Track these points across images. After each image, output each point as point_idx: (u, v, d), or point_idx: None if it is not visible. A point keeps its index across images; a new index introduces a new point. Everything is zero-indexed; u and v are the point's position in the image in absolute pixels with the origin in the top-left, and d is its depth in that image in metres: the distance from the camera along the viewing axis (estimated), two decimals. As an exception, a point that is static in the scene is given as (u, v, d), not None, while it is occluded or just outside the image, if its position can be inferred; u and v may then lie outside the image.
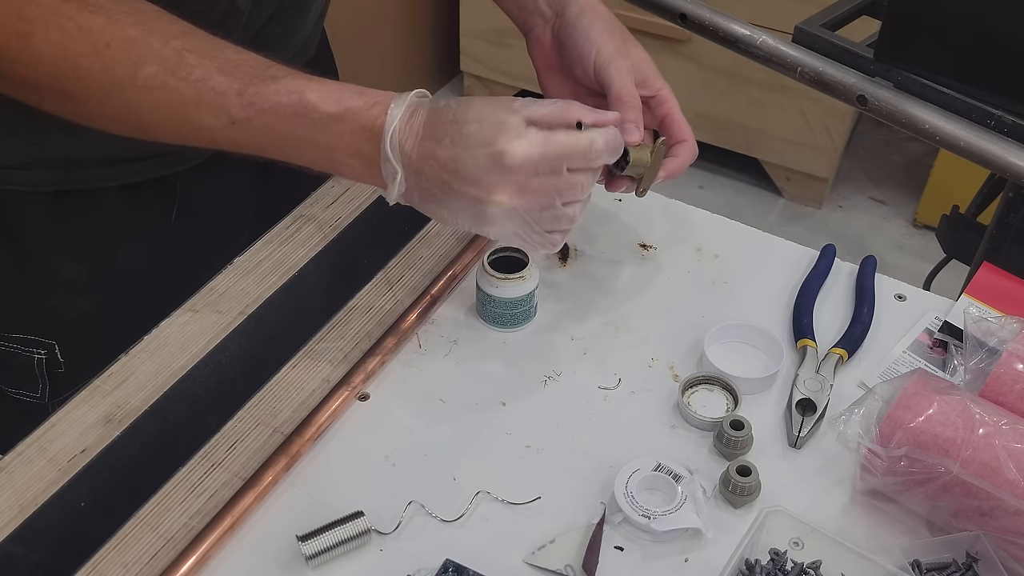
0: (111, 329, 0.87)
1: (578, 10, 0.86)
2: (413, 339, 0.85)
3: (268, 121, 0.70)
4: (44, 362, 0.91)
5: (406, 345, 0.84)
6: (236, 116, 0.69)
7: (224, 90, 0.69)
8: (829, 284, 0.92)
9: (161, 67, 0.69)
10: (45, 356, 0.91)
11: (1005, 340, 0.75)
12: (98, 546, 0.68)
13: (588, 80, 0.84)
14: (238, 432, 0.76)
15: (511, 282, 0.84)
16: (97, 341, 0.87)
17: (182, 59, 0.69)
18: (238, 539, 0.70)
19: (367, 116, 0.70)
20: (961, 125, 0.96)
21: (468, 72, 2.84)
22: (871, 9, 1.18)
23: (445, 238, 0.94)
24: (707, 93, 2.48)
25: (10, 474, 0.72)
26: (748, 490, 0.72)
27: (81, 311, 0.91)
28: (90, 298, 0.90)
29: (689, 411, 0.78)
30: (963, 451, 0.68)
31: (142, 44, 0.69)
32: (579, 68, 0.85)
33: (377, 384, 0.81)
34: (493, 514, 0.72)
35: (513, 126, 0.69)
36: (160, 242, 0.92)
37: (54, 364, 0.91)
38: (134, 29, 0.69)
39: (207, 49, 0.70)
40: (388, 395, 0.80)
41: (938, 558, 0.69)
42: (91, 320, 0.91)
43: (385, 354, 0.82)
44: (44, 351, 0.90)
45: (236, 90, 0.69)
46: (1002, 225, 1.09)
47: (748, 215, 2.46)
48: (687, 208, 1.01)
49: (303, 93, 0.70)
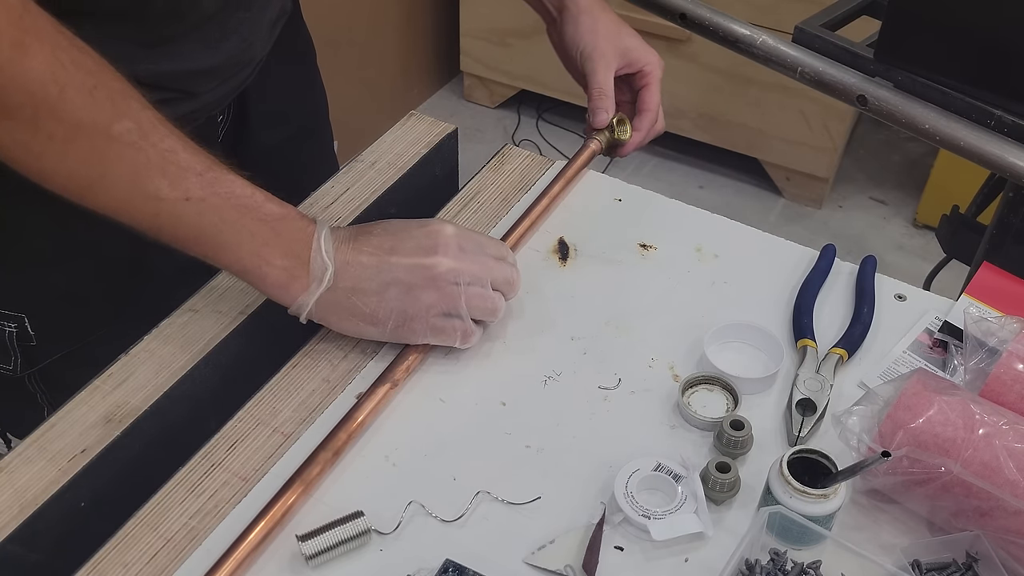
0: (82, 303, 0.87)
1: (575, 11, 1.01)
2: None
3: (220, 205, 0.73)
4: (15, 335, 0.91)
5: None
6: (192, 193, 0.72)
7: (188, 166, 0.72)
8: (829, 284, 0.92)
9: (136, 126, 0.70)
10: (16, 329, 0.90)
11: (1005, 340, 0.76)
12: (98, 546, 0.68)
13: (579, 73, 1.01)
14: (238, 432, 0.76)
15: (813, 498, 0.69)
16: (68, 315, 0.88)
17: (154, 126, 0.70)
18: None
19: (303, 219, 0.77)
20: (961, 125, 0.96)
21: (468, 72, 2.84)
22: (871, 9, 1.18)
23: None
24: (707, 93, 2.48)
25: (10, 474, 0.72)
26: (727, 486, 0.72)
27: (51, 285, 0.90)
28: (60, 272, 0.90)
29: (689, 411, 0.78)
30: (963, 451, 0.68)
31: (125, 98, 0.69)
32: (571, 62, 1.02)
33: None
34: (493, 514, 0.72)
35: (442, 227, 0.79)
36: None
37: (25, 337, 0.91)
38: (119, 83, 0.69)
39: (173, 128, 0.72)
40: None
41: (938, 558, 0.69)
42: (61, 294, 0.91)
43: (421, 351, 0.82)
44: (14, 324, 0.90)
45: (198, 170, 0.72)
46: (1002, 225, 1.09)
47: (748, 215, 2.46)
48: (687, 208, 1.01)
49: (254, 188, 0.75)
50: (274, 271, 0.75)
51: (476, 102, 2.93)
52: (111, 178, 0.70)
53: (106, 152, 0.69)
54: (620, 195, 1.01)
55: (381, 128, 1.07)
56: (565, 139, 2.76)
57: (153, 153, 0.70)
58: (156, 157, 0.70)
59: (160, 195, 0.71)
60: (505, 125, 2.86)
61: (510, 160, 1.05)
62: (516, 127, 2.85)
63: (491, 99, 2.89)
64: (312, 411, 0.78)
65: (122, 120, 0.69)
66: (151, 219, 0.72)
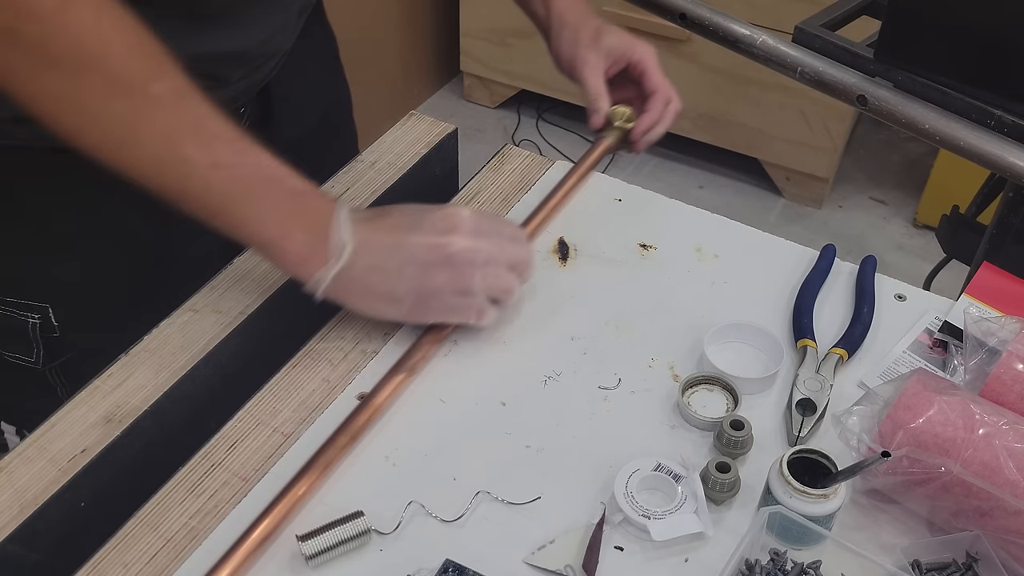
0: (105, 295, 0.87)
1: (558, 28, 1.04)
2: (414, 339, 0.85)
3: (247, 175, 0.74)
4: (38, 326, 0.91)
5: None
6: (222, 160, 0.72)
7: (218, 133, 0.72)
8: (829, 284, 0.92)
9: (173, 88, 0.70)
10: (39, 320, 0.91)
11: (1005, 340, 0.76)
12: (98, 546, 0.68)
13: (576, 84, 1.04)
14: (238, 432, 0.76)
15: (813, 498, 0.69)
16: (92, 307, 0.88)
17: (189, 91, 0.71)
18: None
19: (325, 197, 0.78)
20: (961, 125, 0.96)
21: (468, 72, 2.84)
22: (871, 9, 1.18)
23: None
24: (707, 93, 2.48)
25: (10, 474, 0.72)
26: (727, 486, 0.72)
27: (74, 275, 0.91)
28: (83, 262, 0.90)
29: (689, 411, 0.78)
30: (963, 451, 0.68)
31: (163, 61, 0.70)
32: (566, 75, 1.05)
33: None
34: (493, 514, 0.72)
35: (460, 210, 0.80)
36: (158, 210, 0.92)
37: (48, 328, 0.91)
38: (157, 47, 0.70)
39: (205, 96, 0.72)
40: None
41: (938, 558, 0.69)
42: (85, 285, 0.91)
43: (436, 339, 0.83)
44: (38, 315, 0.90)
45: (228, 138, 0.73)
46: (1002, 225, 1.09)
47: (748, 215, 2.46)
48: (687, 208, 1.01)
49: (279, 162, 0.75)
50: (294, 245, 0.76)
51: (476, 102, 2.93)
52: (144, 137, 0.71)
53: (142, 110, 0.70)
54: (620, 195, 1.01)
55: (381, 128, 1.07)
56: (565, 139, 2.76)
57: (187, 116, 0.71)
58: (189, 121, 0.71)
59: (190, 159, 0.71)
60: (505, 125, 2.86)
61: (510, 160, 1.05)
62: (516, 127, 2.85)
63: (491, 99, 2.90)
64: (312, 411, 0.78)
65: (160, 80, 0.70)
66: (179, 183, 0.73)
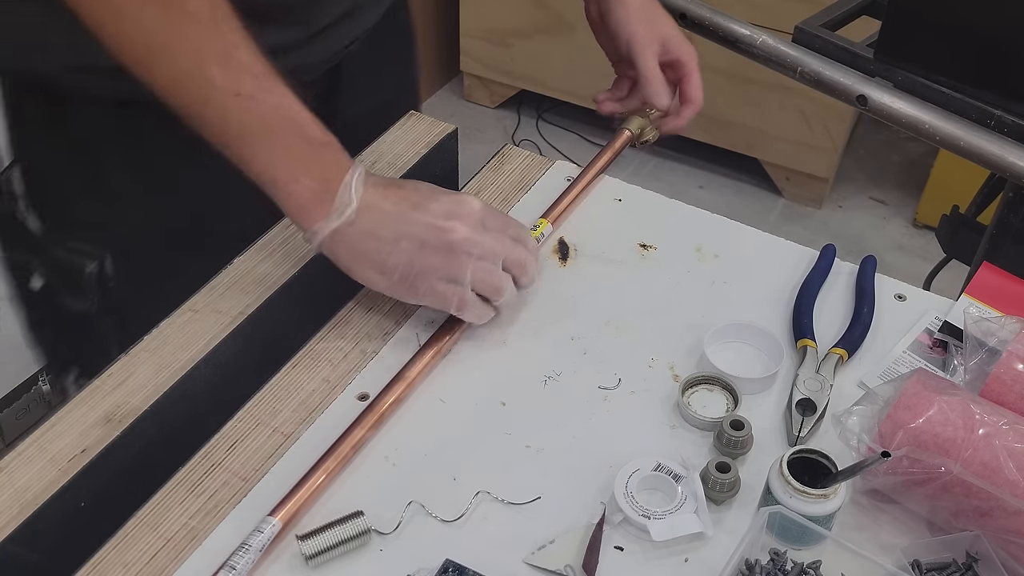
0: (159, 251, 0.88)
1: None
2: (413, 339, 0.85)
3: (266, 111, 0.74)
4: (95, 275, 0.92)
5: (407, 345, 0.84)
6: (244, 90, 0.73)
7: (246, 64, 0.73)
8: (829, 284, 0.92)
9: (210, 9, 0.72)
10: (96, 268, 0.91)
11: (1005, 340, 0.75)
12: (98, 546, 0.68)
13: (621, 56, 1.03)
14: (238, 432, 0.76)
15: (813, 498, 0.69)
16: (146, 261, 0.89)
17: (226, 17, 0.72)
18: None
19: (344, 153, 0.78)
20: (961, 125, 0.96)
21: (468, 72, 2.84)
22: (871, 9, 1.18)
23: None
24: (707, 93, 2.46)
25: (10, 474, 0.72)
26: (727, 486, 0.72)
27: (133, 227, 0.91)
28: (142, 214, 0.91)
29: (689, 411, 0.78)
30: (963, 451, 0.68)
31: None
32: (614, 45, 1.03)
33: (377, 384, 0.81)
34: (493, 514, 0.72)
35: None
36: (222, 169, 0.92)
37: (104, 278, 0.92)
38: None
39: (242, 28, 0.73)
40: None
41: (938, 558, 0.69)
42: (142, 238, 0.92)
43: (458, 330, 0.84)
44: (96, 262, 0.91)
45: (254, 71, 0.73)
46: (1002, 225, 1.09)
47: (748, 215, 2.46)
48: (687, 208, 1.01)
49: (303, 107, 0.76)
50: (300, 190, 0.76)
51: (476, 102, 2.93)
52: (174, 51, 0.72)
53: (176, 24, 0.71)
54: (620, 195, 1.01)
55: (381, 128, 1.07)
56: (565, 139, 2.76)
57: (218, 40, 0.72)
58: (220, 44, 0.72)
59: (214, 82, 0.72)
60: (505, 125, 2.86)
61: (510, 160, 1.05)
62: (516, 127, 2.85)
63: (491, 99, 2.89)
64: (312, 411, 0.78)
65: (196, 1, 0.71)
66: (199, 105, 0.73)
